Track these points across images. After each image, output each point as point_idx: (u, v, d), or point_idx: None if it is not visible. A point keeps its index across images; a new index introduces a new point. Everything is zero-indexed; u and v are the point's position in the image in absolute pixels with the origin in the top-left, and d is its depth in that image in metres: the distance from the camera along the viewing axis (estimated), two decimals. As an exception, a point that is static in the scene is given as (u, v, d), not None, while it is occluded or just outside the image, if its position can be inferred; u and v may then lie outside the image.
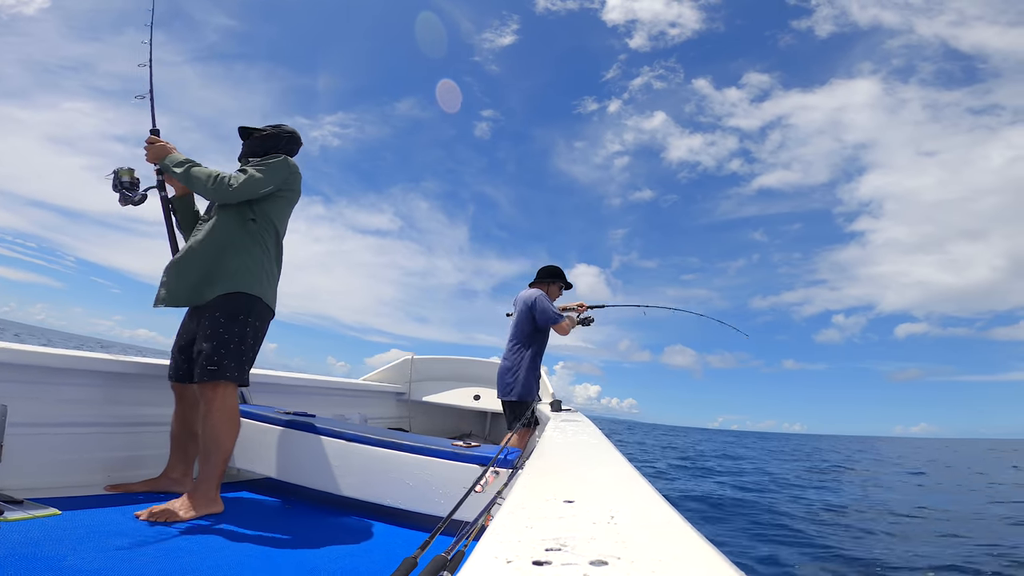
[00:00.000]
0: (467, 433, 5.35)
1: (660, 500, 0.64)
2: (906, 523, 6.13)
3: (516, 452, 2.24)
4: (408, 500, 2.16)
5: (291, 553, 1.68)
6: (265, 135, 2.33)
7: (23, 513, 1.64)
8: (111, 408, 2.32)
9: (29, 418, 2.00)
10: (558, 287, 3.64)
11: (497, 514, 0.57)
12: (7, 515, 1.59)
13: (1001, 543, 4.86)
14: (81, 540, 1.52)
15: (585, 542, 0.44)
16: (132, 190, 2.17)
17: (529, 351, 3.39)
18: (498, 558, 0.40)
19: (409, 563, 1.00)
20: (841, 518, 6.28)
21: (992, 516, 6.66)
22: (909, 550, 4.68)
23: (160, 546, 1.58)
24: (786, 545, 4.74)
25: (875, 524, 5.95)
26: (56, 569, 1.30)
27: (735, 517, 6.03)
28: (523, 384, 3.34)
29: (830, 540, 4.98)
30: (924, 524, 6.09)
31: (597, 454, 1.23)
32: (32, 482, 1.98)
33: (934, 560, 4.33)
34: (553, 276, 3.63)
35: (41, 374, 2.08)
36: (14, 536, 1.47)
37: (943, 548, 4.79)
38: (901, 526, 5.93)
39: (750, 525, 5.62)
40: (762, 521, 5.81)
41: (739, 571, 0.39)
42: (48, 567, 1.30)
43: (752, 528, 5.48)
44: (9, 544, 1.41)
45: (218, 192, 2.06)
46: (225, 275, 2.05)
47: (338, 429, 2.38)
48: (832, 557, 4.42)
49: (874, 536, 5.32)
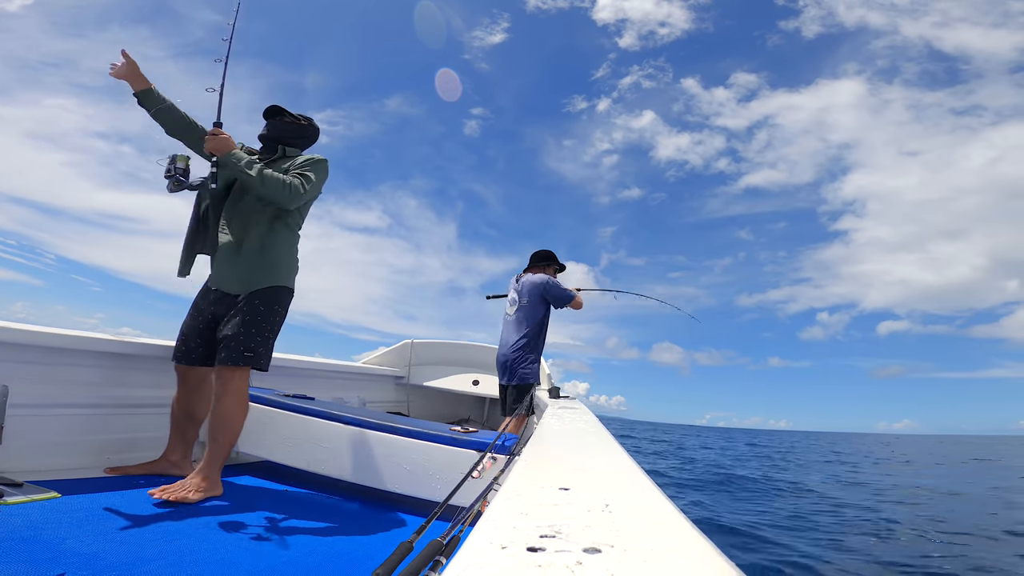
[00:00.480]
0: (465, 418, 5.38)
1: (655, 490, 0.64)
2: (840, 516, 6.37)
3: (514, 438, 2.25)
4: (405, 485, 2.18)
5: (289, 536, 1.69)
6: (301, 124, 2.38)
7: (23, 496, 1.65)
8: (112, 390, 2.33)
9: (30, 399, 2.00)
10: (554, 270, 3.65)
11: (493, 500, 0.57)
12: (7, 498, 1.60)
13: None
14: (81, 523, 1.54)
15: (579, 529, 0.44)
16: (186, 176, 2.19)
17: (536, 336, 3.40)
18: (493, 543, 0.41)
19: (405, 547, 1.01)
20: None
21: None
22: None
23: (159, 528, 1.59)
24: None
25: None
26: (56, 552, 1.31)
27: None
28: (528, 369, 3.36)
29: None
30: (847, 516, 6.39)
31: (594, 442, 1.23)
32: (32, 464, 1.99)
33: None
34: (548, 259, 3.64)
35: (42, 354, 2.08)
36: (14, 519, 1.48)
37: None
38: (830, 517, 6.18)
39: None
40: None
41: (730, 562, 0.39)
42: (48, 550, 1.31)
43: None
44: (9, 527, 1.42)
45: (291, 197, 2.12)
46: (272, 268, 2.17)
47: (337, 413, 2.39)
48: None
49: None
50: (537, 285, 3.46)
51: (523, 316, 3.46)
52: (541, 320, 3.42)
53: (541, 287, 3.44)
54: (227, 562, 1.41)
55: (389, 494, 2.20)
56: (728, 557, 0.41)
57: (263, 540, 1.63)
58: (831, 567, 3.89)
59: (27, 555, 1.27)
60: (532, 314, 3.43)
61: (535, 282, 3.48)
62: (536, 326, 3.41)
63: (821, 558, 4.11)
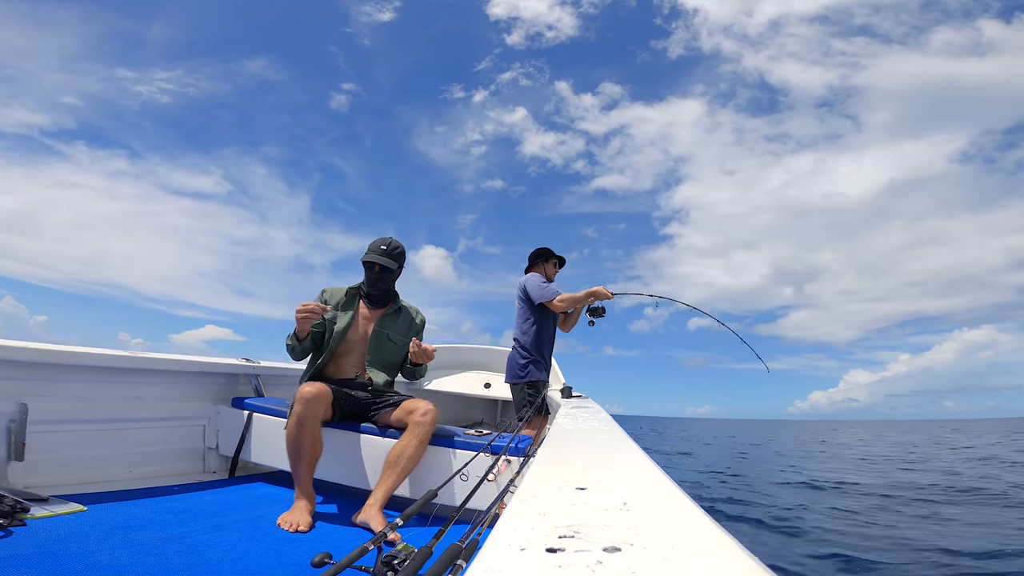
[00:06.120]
0: (478, 421, 5.37)
1: (673, 486, 0.64)
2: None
3: (528, 440, 2.25)
4: (422, 490, 2.18)
5: (309, 545, 1.71)
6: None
7: (49, 510, 1.68)
8: (127, 404, 2.38)
9: (50, 415, 2.05)
10: (552, 264, 3.62)
11: (510, 502, 0.57)
12: (33, 512, 1.63)
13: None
14: (107, 535, 1.56)
15: (598, 529, 0.44)
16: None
17: (529, 335, 3.40)
18: (512, 546, 0.41)
19: (424, 552, 1.01)
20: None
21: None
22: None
23: (185, 541, 1.61)
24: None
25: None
26: (84, 565, 1.33)
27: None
28: (518, 366, 3.38)
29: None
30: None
31: (608, 440, 1.23)
32: (56, 479, 2.03)
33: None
34: (541, 256, 3.62)
35: (58, 372, 2.12)
36: (41, 533, 1.51)
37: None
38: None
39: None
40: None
41: (753, 557, 0.39)
42: (76, 563, 1.34)
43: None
44: (36, 541, 1.44)
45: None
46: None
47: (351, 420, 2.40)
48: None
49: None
50: (519, 285, 3.51)
51: (516, 316, 3.52)
52: (531, 319, 3.44)
53: (521, 286, 3.48)
54: (251, 571, 1.43)
55: (406, 500, 2.21)
56: (751, 552, 0.40)
57: (285, 549, 1.64)
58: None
59: (55, 569, 1.29)
60: (520, 314, 3.48)
61: (519, 282, 3.53)
62: (525, 325, 3.44)
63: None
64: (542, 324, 3.46)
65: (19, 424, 1.93)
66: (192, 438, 2.65)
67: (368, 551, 1.10)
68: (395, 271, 2.51)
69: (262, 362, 3.04)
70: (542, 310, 3.47)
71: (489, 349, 5.11)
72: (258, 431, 2.57)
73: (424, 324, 2.66)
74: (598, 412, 2.13)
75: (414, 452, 2.11)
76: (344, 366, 2.43)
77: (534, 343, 3.40)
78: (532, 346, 3.40)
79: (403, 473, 2.08)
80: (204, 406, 2.73)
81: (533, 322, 3.43)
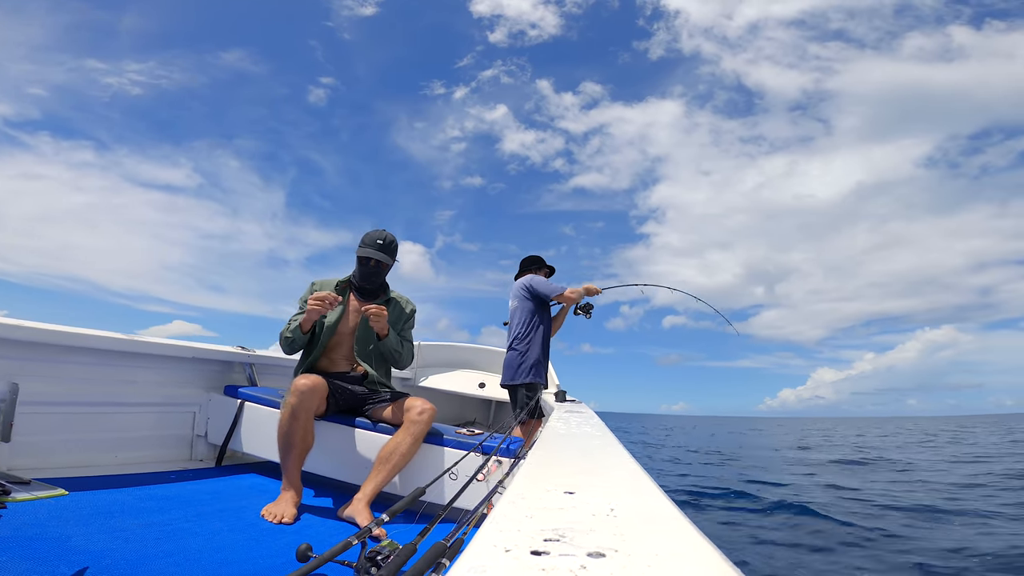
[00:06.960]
0: (471, 421, 5.37)
1: (661, 494, 0.63)
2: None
3: (519, 441, 2.24)
4: (410, 487, 2.17)
5: (292, 537, 1.69)
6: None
7: (30, 494, 1.66)
8: (119, 387, 2.35)
9: (40, 396, 2.02)
10: (543, 272, 3.67)
11: (498, 503, 0.57)
12: (14, 495, 1.61)
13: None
14: (87, 520, 1.55)
15: (584, 534, 0.44)
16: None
17: (531, 337, 3.41)
18: (497, 547, 0.40)
19: (408, 549, 1.01)
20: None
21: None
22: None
23: (165, 528, 1.60)
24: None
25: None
26: (62, 549, 1.32)
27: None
28: (516, 368, 3.38)
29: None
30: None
31: (599, 446, 1.22)
32: (40, 462, 2.01)
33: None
34: (534, 263, 3.66)
35: (52, 352, 2.10)
36: (21, 516, 1.49)
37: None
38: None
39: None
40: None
41: (736, 568, 0.39)
42: (54, 547, 1.32)
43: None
44: (16, 524, 1.43)
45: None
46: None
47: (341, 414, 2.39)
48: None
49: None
50: (521, 285, 3.52)
51: (513, 319, 3.52)
52: (528, 321, 3.44)
53: (525, 286, 3.48)
54: (231, 561, 1.42)
55: (395, 497, 2.20)
56: (733, 562, 0.40)
57: (267, 541, 1.63)
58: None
59: (33, 552, 1.28)
60: (521, 315, 3.48)
61: (519, 283, 3.54)
62: (522, 326, 3.44)
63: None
64: (543, 326, 3.47)
65: (8, 404, 1.90)
66: (181, 425, 2.63)
67: (352, 546, 1.09)
68: (390, 265, 2.51)
69: (257, 351, 3.03)
70: (543, 312, 3.48)
71: (485, 349, 5.12)
72: (249, 420, 2.55)
73: (414, 313, 2.63)
74: (591, 417, 2.13)
75: (407, 450, 2.09)
76: (336, 359, 2.41)
77: (535, 345, 3.41)
78: (533, 348, 3.40)
79: (394, 470, 2.07)
80: (196, 393, 2.70)
81: (536, 324, 3.44)
